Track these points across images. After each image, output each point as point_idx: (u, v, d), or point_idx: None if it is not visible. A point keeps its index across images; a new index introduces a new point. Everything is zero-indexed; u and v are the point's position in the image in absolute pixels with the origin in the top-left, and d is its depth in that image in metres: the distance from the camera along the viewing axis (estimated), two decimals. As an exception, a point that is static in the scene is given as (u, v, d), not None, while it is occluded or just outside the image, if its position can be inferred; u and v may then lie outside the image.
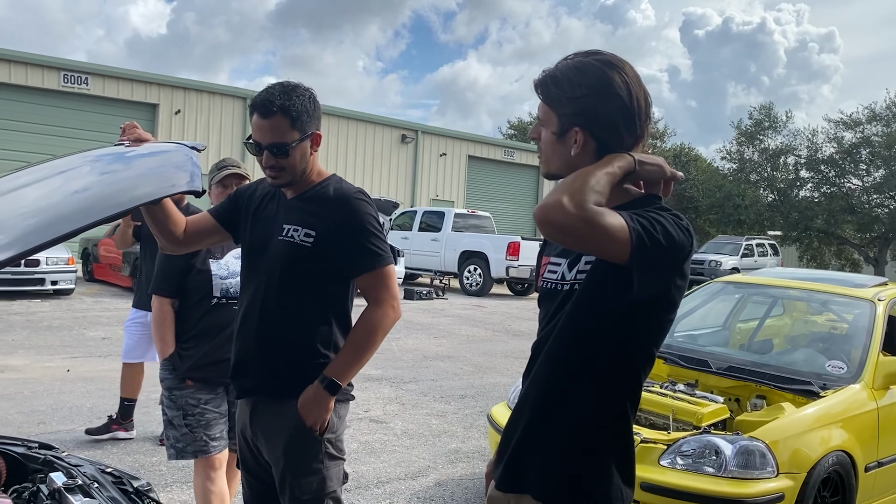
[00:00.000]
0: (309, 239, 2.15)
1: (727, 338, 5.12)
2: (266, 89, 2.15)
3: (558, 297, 1.65)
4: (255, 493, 2.33)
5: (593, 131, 1.56)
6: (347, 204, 2.18)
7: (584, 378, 1.59)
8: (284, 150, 2.13)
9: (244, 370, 2.25)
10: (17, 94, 17.73)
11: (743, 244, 24.87)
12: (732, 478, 3.25)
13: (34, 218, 1.60)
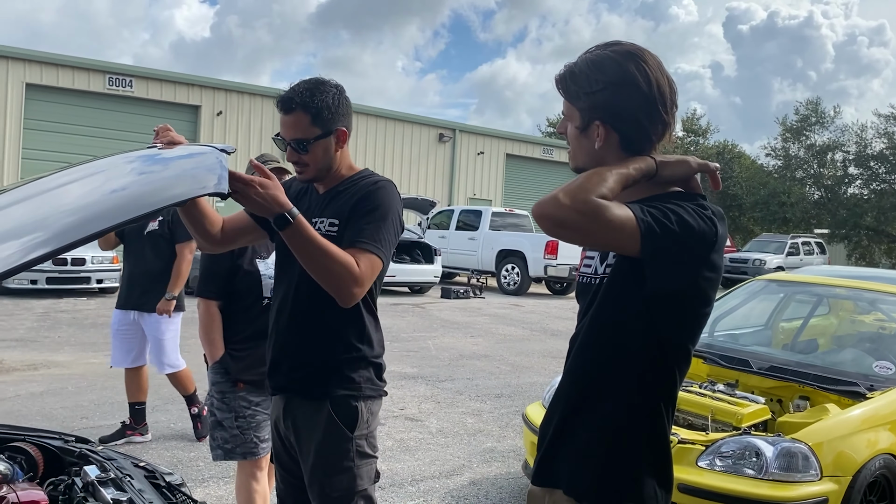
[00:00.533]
0: (333, 228, 2.14)
1: (769, 337, 4.99)
2: (292, 86, 2.16)
3: (591, 291, 1.64)
4: (289, 487, 2.33)
5: (614, 124, 1.55)
6: (367, 189, 2.17)
7: (614, 374, 1.56)
8: (304, 146, 2.14)
9: (277, 368, 2.25)
10: (64, 96, 18.19)
11: (788, 242, 24.32)
12: (773, 480, 3.16)
13: (73, 216, 1.64)
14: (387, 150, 23.76)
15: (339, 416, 2.15)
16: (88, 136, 18.33)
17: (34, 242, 1.47)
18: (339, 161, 2.22)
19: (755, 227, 36.89)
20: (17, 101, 17.50)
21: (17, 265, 1.35)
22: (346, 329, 2.18)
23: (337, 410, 2.15)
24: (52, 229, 1.55)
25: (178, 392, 5.33)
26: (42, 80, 17.81)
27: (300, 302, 2.19)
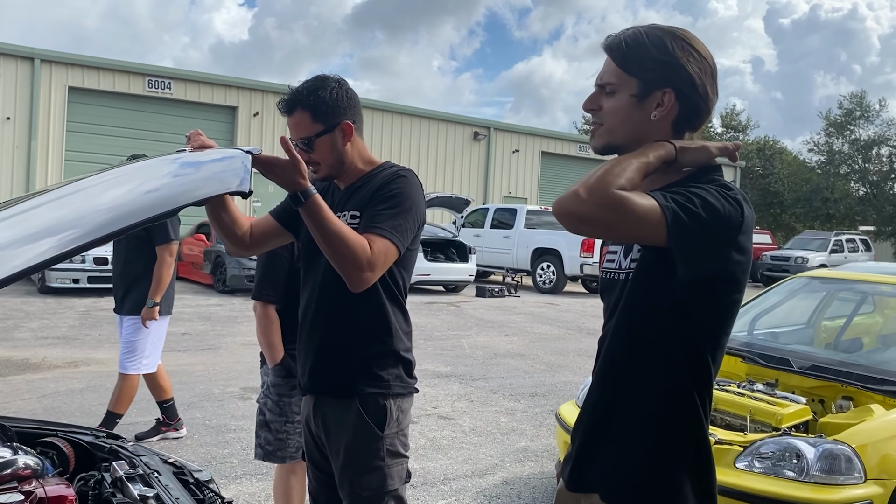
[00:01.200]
0: (355, 221, 2.12)
1: (811, 336, 4.85)
2: (293, 87, 2.16)
3: (616, 287, 1.59)
4: (321, 484, 2.32)
5: (683, 91, 1.50)
6: (386, 178, 2.15)
7: (648, 370, 1.50)
8: (309, 144, 2.12)
9: (306, 366, 2.25)
10: (105, 99, 18.56)
11: (832, 239, 23.75)
12: (815, 483, 3.05)
13: (107, 214, 1.72)
14: (421, 148, 23.79)
15: (369, 415, 2.12)
16: (128, 138, 18.67)
17: (68, 238, 1.54)
18: (351, 155, 2.20)
19: (797, 224, 36.19)
20: (61, 104, 17.90)
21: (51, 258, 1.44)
22: (374, 326, 2.15)
23: (366, 409, 2.13)
24: (85, 226, 1.62)
25: (153, 395, 5.17)
26: (84, 84, 18.19)
27: (326, 300, 2.17)
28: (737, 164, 32.21)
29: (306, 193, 1.90)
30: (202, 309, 11.65)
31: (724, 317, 1.50)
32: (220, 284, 13.72)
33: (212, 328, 9.94)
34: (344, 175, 2.22)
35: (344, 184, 2.25)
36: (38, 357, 7.62)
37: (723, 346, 1.53)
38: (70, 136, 18.04)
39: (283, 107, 2.14)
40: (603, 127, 1.57)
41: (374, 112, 22.62)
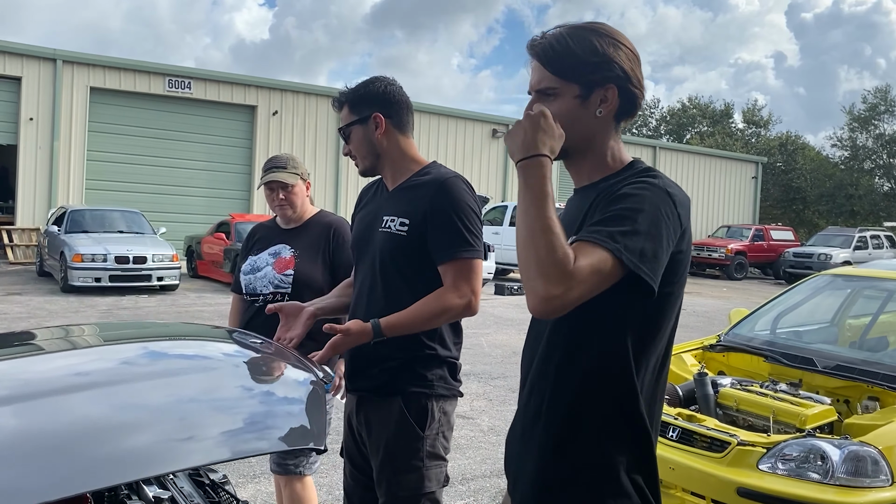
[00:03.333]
0: (404, 228, 2.14)
1: (836, 334, 4.77)
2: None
3: None
4: (357, 483, 2.31)
5: (622, 85, 1.50)
6: (439, 187, 2.15)
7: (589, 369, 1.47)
8: (346, 133, 2.26)
9: (351, 366, 2.26)
10: (126, 99, 18.72)
11: (856, 236, 23.39)
12: (840, 485, 2.99)
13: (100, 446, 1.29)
14: (440, 146, 23.77)
15: (411, 414, 2.14)
16: (149, 137, 18.85)
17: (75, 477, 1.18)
18: (387, 149, 2.24)
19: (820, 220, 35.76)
20: (82, 105, 18.08)
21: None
22: (422, 333, 2.16)
23: (408, 407, 2.14)
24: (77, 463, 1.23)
25: None
26: (105, 84, 18.36)
27: (371, 301, 2.19)
28: (758, 160, 31.90)
29: (377, 328, 2.07)
30: (222, 307, 11.71)
31: (663, 306, 1.46)
32: (239, 283, 13.78)
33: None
34: (387, 171, 2.28)
35: (391, 183, 2.28)
36: (60, 355, 7.69)
37: (663, 337, 1.50)
38: (91, 136, 18.21)
39: (335, 105, 2.30)
40: (553, 129, 1.51)
41: (392, 110, 22.60)
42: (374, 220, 2.23)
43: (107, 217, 14.50)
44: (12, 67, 17.38)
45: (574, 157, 1.56)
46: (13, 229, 17.16)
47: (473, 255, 2.11)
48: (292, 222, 3.04)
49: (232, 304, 3.22)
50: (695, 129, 44.79)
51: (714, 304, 15.31)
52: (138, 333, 2.21)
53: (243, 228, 15.04)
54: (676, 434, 3.41)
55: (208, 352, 1.97)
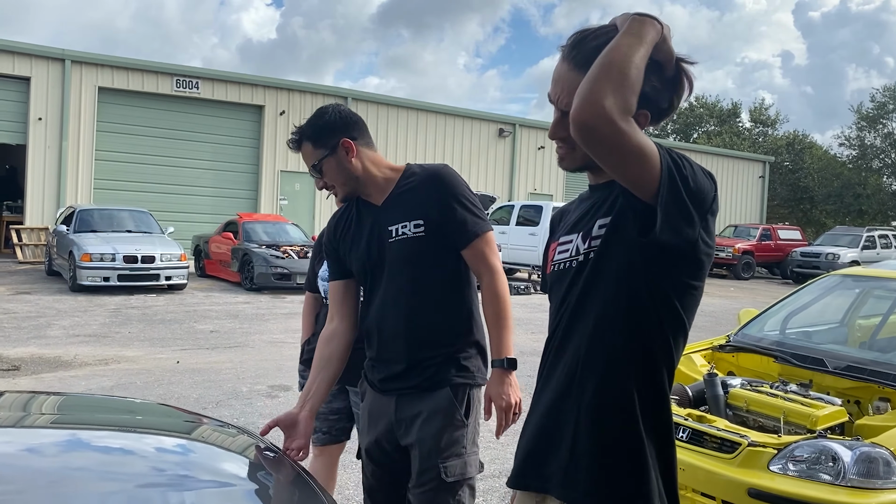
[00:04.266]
0: (420, 229, 2.20)
1: (846, 335, 4.76)
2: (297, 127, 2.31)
3: (570, 273, 1.54)
4: (381, 481, 2.35)
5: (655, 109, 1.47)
6: (438, 181, 2.24)
7: (610, 356, 1.44)
8: (318, 169, 2.26)
9: (388, 370, 2.27)
10: (133, 99, 18.78)
11: (864, 235, 23.30)
12: (852, 487, 2.98)
13: None
14: (447, 146, 23.77)
15: (459, 404, 2.22)
16: (157, 137, 18.90)
17: None
18: (363, 168, 2.27)
19: (828, 219, 35.63)
20: (91, 105, 18.14)
21: None
22: (455, 317, 2.25)
23: (456, 397, 2.22)
24: None
25: None
26: (113, 84, 18.42)
27: (407, 306, 2.22)
28: (765, 160, 31.79)
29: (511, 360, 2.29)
30: (230, 307, 11.75)
31: (687, 300, 1.45)
32: (247, 282, 13.83)
33: (239, 326, 10.02)
34: (368, 189, 2.29)
35: (377, 198, 2.30)
36: (70, 355, 7.73)
37: (686, 331, 1.48)
38: (100, 136, 18.28)
39: (291, 146, 2.30)
40: (577, 151, 1.51)
41: (399, 110, 22.64)
42: (376, 235, 2.26)
43: (115, 216, 14.56)
44: (21, 67, 17.45)
45: (599, 167, 1.51)
46: (22, 228, 17.24)
47: (486, 228, 2.25)
48: None
49: (305, 300, 3.48)
50: (702, 128, 44.68)
51: (721, 303, 15.27)
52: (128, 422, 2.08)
53: (251, 228, 15.09)
54: (687, 435, 3.41)
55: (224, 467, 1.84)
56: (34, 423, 1.95)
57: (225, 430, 2.12)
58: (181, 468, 1.75)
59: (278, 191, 20.64)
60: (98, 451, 1.79)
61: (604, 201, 1.49)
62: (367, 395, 2.37)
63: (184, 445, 1.94)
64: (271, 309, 11.70)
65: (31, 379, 6.64)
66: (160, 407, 2.37)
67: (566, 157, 1.55)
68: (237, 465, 1.87)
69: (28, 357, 7.52)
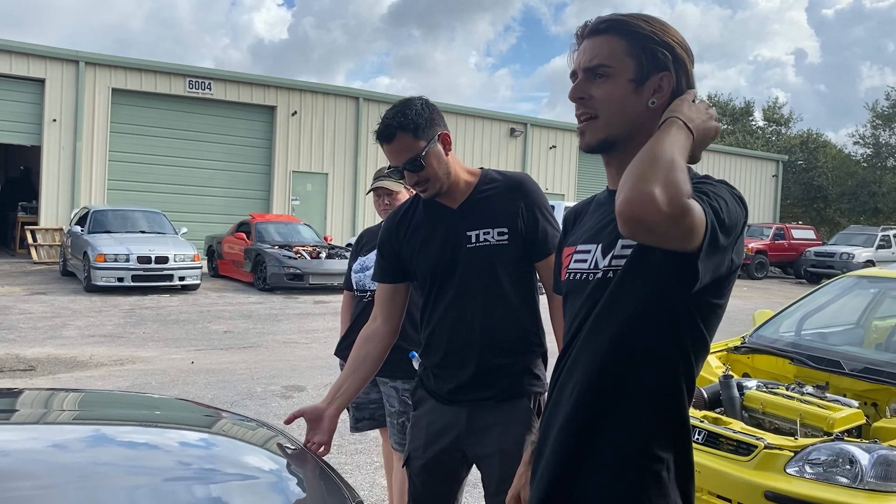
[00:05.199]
0: (504, 237, 2.16)
1: (862, 336, 4.73)
2: (383, 117, 2.18)
3: (588, 287, 1.46)
4: (432, 490, 2.30)
5: (679, 79, 1.42)
6: (524, 188, 2.22)
7: (631, 375, 1.38)
8: (419, 163, 2.13)
9: (460, 378, 2.21)
10: (147, 100, 18.88)
11: (879, 234, 23.10)
12: (870, 490, 2.96)
13: None
14: (458, 145, 23.73)
15: (535, 412, 2.21)
16: (170, 138, 18.99)
17: None
18: (454, 165, 2.21)
19: (842, 219, 35.38)
20: (104, 106, 18.26)
21: None
22: (528, 325, 2.22)
23: (533, 406, 2.21)
24: None
25: None
26: (126, 85, 18.53)
27: (488, 317, 2.18)
28: (779, 158, 31.61)
29: None
30: (243, 307, 11.80)
31: (711, 319, 1.41)
32: (260, 282, 13.88)
33: (253, 326, 10.06)
34: (450, 190, 2.21)
35: (455, 201, 2.23)
36: (86, 355, 7.79)
37: (708, 348, 1.44)
38: (113, 137, 18.39)
39: (381, 137, 2.15)
40: (599, 120, 1.43)
41: (410, 109, 22.62)
42: (451, 239, 2.19)
43: (129, 217, 14.65)
44: (36, 69, 17.59)
45: (618, 152, 1.44)
46: (37, 229, 17.38)
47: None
48: None
49: (343, 299, 3.61)
50: (714, 126, 44.35)
51: (735, 303, 15.16)
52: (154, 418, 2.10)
53: (263, 228, 15.15)
54: (703, 437, 3.39)
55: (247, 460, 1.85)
56: (57, 419, 1.96)
57: (245, 424, 2.12)
58: (206, 462, 1.75)
59: (290, 191, 20.70)
60: (123, 446, 1.79)
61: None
62: (425, 406, 2.29)
63: (206, 439, 1.92)
64: (284, 309, 11.74)
65: (47, 379, 6.70)
66: (179, 402, 2.38)
67: (587, 130, 1.45)
68: (260, 458, 1.85)
69: (44, 357, 7.58)
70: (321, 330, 9.96)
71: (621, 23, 1.43)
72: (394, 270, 2.30)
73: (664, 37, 1.42)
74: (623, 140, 1.43)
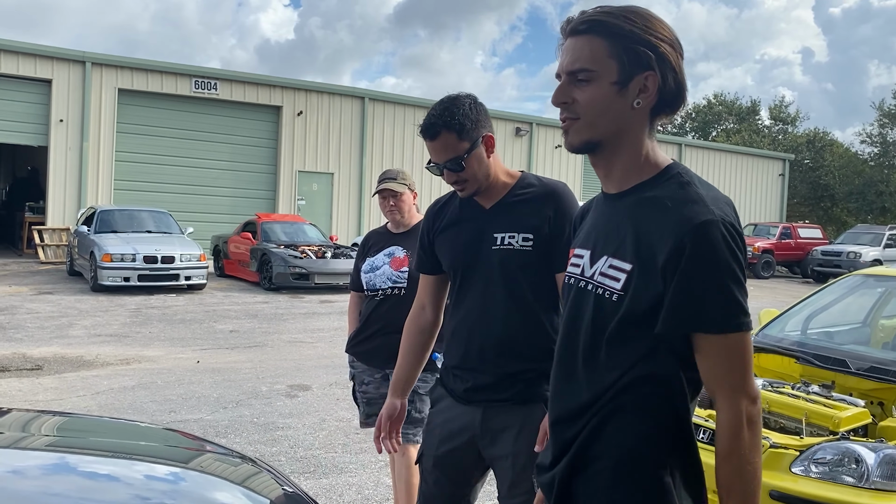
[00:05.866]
0: (528, 243, 2.15)
1: (868, 335, 4.70)
2: (429, 112, 2.17)
3: (572, 291, 1.50)
4: (443, 489, 2.31)
5: (664, 73, 1.38)
6: (557, 196, 2.20)
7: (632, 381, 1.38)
8: (459, 164, 2.13)
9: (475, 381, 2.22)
10: (153, 100, 18.93)
11: (886, 233, 23.00)
12: (876, 489, 2.95)
13: None
14: (463, 145, 23.75)
15: None
16: (176, 138, 19.04)
17: None
18: (494, 167, 2.21)
19: (849, 218, 35.25)
20: (111, 106, 18.32)
21: None
22: (545, 331, 2.18)
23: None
24: None
25: None
26: (133, 85, 18.58)
27: (499, 316, 2.18)
28: (785, 157, 31.51)
29: None
30: (249, 306, 11.82)
31: None
32: (265, 282, 13.91)
33: (258, 326, 10.08)
34: (488, 190, 2.22)
35: (489, 201, 2.23)
36: (92, 354, 7.82)
37: None
38: (120, 137, 18.45)
39: (426, 133, 2.15)
40: (580, 121, 1.41)
41: (416, 109, 22.64)
42: (478, 238, 2.20)
43: (135, 217, 14.70)
44: (43, 70, 17.65)
45: (604, 153, 1.43)
46: (44, 229, 17.45)
47: None
48: (401, 227, 3.45)
49: (350, 300, 3.69)
50: (721, 126, 44.34)
51: (741, 303, 15.13)
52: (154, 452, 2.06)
53: (269, 228, 15.17)
54: (707, 436, 3.38)
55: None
56: (28, 444, 1.93)
57: (228, 459, 2.06)
58: (167, 497, 1.70)
59: (296, 191, 20.73)
60: (83, 476, 1.76)
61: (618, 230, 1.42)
62: (443, 404, 2.31)
63: (176, 473, 1.87)
64: (290, 309, 11.76)
65: (53, 378, 6.73)
66: (165, 432, 2.32)
67: (569, 130, 1.43)
68: (231, 495, 1.80)
69: (51, 356, 7.61)
70: (327, 329, 9.98)
71: (602, 23, 1.38)
72: (432, 262, 2.33)
73: (646, 34, 1.38)
74: (608, 142, 1.42)
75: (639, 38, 1.37)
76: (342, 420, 5.52)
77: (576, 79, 1.40)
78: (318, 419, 5.55)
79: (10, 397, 5.97)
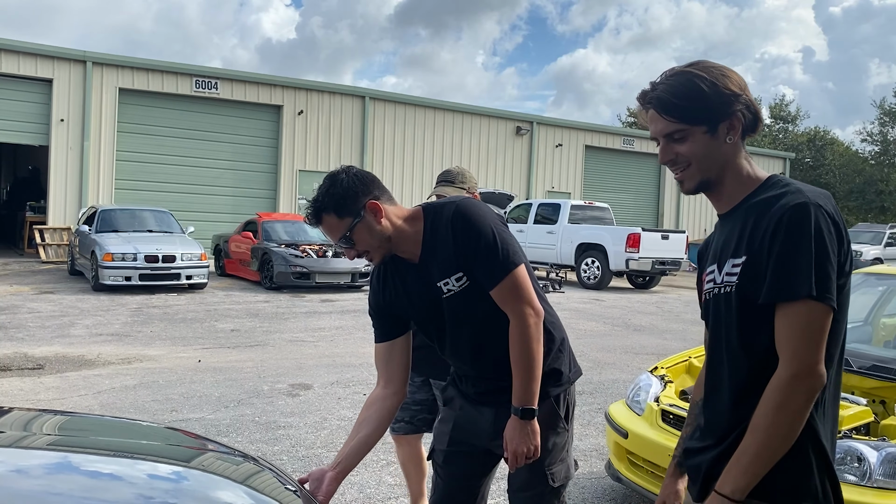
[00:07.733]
0: (462, 282, 2.16)
1: (870, 334, 4.70)
2: (310, 201, 2.15)
3: (710, 301, 1.70)
4: (457, 483, 2.38)
5: (741, 111, 1.64)
6: (454, 227, 2.14)
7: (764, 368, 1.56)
8: (350, 240, 2.12)
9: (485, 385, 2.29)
10: (154, 100, 18.96)
11: (887, 232, 23.00)
12: (878, 488, 2.95)
13: None
14: (464, 144, 23.77)
15: (560, 410, 2.28)
16: (177, 137, 19.07)
17: None
18: (392, 226, 2.15)
19: (850, 216, 35.24)
20: (112, 106, 18.34)
21: None
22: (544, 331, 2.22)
23: (558, 406, 2.27)
24: None
25: None
26: (133, 85, 18.61)
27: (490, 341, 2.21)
28: (786, 156, 31.49)
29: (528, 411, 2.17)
30: (250, 305, 11.83)
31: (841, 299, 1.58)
32: (267, 281, 13.91)
33: (259, 325, 10.08)
34: (402, 247, 2.19)
35: (413, 254, 2.21)
36: (94, 353, 7.82)
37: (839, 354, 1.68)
38: (121, 137, 18.47)
39: (310, 220, 2.14)
40: (691, 168, 1.67)
41: (416, 109, 22.67)
42: (429, 294, 2.20)
43: (136, 216, 14.70)
44: (44, 69, 17.67)
45: (716, 185, 1.68)
46: (45, 229, 17.46)
47: (508, 269, 2.11)
48: None
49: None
50: (721, 124, 44.21)
51: (742, 301, 15.13)
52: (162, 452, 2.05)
53: (270, 227, 15.18)
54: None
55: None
56: (31, 443, 1.93)
57: (230, 458, 2.06)
58: (170, 496, 1.70)
59: (297, 190, 20.74)
60: (86, 475, 1.75)
61: (733, 236, 1.64)
62: (456, 404, 2.37)
63: (178, 472, 1.86)
64: (291, 308, 11.76)
65: (55, 377, 6.73)
66: (167, 431, 2.32)
67: (684, 178, 1.69)
68: (234, 493, 1.80)
69: (52, 356, 7.62)
70: (328, 328, 9.98)
71: (677, 89, 1.63)
72: (387, 328, 2.29)
73: (717, 89, 1.62)
74: (717, 177, 1.68)
75: (713, 100, 1.62)
76: (344, 419, 5.52)
77: (672, 139, 1.66)
78: (320, 418, 5.56)
79: (12, 396, 5.97)
